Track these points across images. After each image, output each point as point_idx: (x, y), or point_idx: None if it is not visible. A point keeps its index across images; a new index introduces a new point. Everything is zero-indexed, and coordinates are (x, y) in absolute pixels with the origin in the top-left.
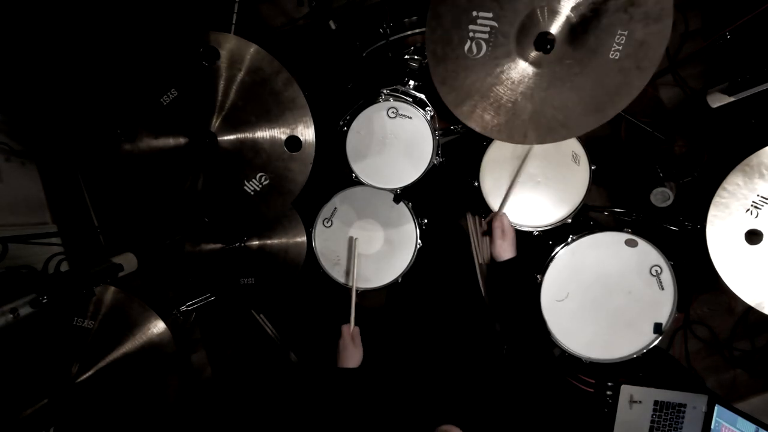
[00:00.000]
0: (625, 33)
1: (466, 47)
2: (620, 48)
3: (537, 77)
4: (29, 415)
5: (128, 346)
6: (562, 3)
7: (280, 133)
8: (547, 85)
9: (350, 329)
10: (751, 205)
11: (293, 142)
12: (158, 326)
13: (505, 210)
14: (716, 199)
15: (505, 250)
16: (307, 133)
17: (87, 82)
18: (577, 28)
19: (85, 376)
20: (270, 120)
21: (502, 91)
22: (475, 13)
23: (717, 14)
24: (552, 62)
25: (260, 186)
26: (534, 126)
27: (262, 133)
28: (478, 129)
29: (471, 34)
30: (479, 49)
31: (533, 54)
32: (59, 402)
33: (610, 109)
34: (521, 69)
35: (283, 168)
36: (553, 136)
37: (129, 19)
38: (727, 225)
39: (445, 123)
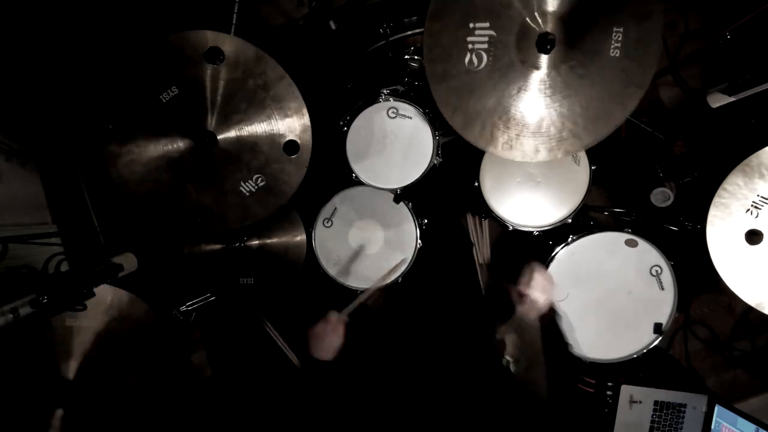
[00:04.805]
0: (621, 30)
1: (467, 60)
2: (619, 45)
3: (542, 84)
4: (29, 415)
5: (128, 345)
6: (549, 2)
7: (278, 136)
8: (553, 91)
9: (337, 318)
10: (751, 206)
11: (291, 146)
12: (158, 326)
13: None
14: (716, 199)
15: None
16: (304, 136)
17: (87, 82)
18: (572, 28)
19: (85, 376)
20: (268, 122)
21: (509, 103)
22: (472, 25)
23: (717, 14)
24: (555, 66)
25: (256, 187)
26: (544, 140)
27: (261, 135)
28: (489, 149)
29: (470, 46)
30: (480, 60)
31: (535, 59)
32: (59, 402)
33: (618, 112)
34: (525, 77)
35: (279, 170)
36: (564, 147)
37: (129, 19)
38: (727, 225)
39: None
